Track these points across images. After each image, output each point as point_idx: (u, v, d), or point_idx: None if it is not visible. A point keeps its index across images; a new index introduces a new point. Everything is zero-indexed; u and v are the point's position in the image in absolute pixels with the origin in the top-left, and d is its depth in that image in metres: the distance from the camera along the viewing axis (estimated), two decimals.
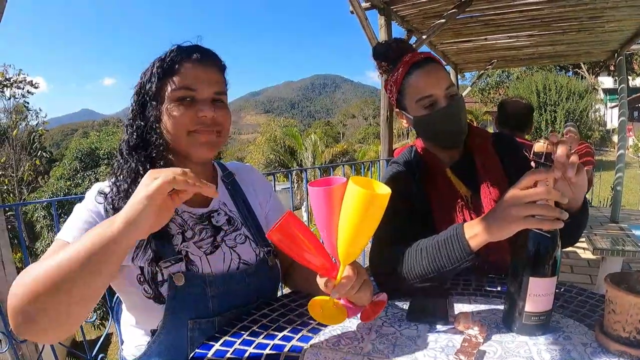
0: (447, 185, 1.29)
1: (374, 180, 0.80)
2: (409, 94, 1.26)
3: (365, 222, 0.74)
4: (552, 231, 0.84)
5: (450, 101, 1.21)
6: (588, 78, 26.77)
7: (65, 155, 16.11)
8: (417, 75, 1.23)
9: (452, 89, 1.22)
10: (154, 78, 0.99)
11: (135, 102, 1.02)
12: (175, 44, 1.02)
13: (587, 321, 0.92)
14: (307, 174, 4.71)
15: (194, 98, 0.99)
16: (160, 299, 0.96)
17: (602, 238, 3.49)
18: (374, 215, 0.74)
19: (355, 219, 0.73)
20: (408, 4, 4.45)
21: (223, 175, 1.18)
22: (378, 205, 0.74)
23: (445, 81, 1.22)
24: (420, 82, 1.23)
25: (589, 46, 6.44)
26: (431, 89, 1.21)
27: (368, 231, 0.77)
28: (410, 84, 1.25)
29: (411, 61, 1.25)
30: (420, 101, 1.23)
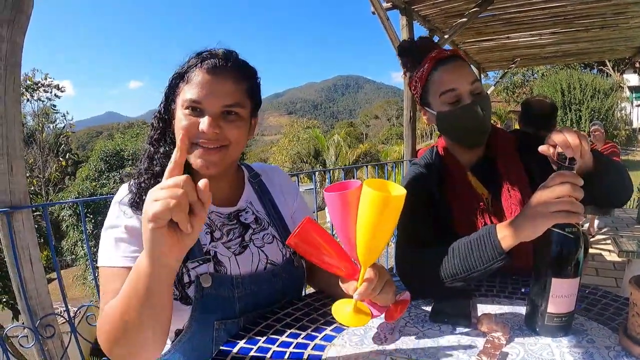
0: (467, 187, 1.29)
1: (389, 182, 0.80)
2: (433, 89, 1.25)
3: (381, 224, 0.75)
4: (575, 232, 0.84)
5: (475, 98, 1.20)
6: (613, 76, 26.08)
7: (91, 156, 16.43)
8: (442, 71, 1.23)
9: (478, 85, 1.21)
10: (174, 84, 1.00)
11: (162, 105, 1.04)
12: (206, 49, 1.01)
13: (611, 324, 0.91)
14: (330, 174, 4.72)
15: (202, 110, 0.96)
16: (187, 300, 0.97)
17: (628, 240, 3.42)
18: (390, 216, 0.75)
19: (372, 221, 0.74)
20: (429, 4, 4.44)
21: (250, 176, 1.19)
22: (393, 207, 0.74)
23: (470, 77, 1.20)
24: (445, 77, 1.22)
25: (614, 43, 6.31)
26: (456, 83, 1.20)
27: (385, 233, 0.77)
28: (434, 79, 1.24)
29: (437, 57, 1.24)
30: (444, 95, 1.22)
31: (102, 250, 0.95)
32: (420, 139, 34.23)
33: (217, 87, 0.96)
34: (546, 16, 4.88)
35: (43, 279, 2.08)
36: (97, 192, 13.47)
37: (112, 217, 0.98)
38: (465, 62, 1.25)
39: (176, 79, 1.00)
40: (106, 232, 0.97)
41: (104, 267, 0.93)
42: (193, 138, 0.95)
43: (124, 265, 0.91)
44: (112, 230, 0.96)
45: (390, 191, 0.77)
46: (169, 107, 1.02)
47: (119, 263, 0.92)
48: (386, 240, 0.79)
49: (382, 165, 5.18)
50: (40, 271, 2.06)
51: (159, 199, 0.64)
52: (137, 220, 0.96)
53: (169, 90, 1.01)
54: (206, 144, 0.96)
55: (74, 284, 15.14)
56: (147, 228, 0.66)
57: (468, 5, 4.36)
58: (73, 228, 13.81)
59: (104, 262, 0.93)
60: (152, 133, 1.05)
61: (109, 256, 0.93)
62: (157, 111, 1.05)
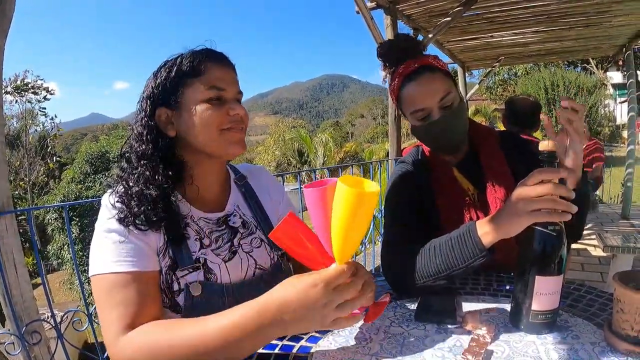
0: (453, 183, 1.30)
1: (365, 180, 0.80)
2: (404, 105, 1.27)
3: (355, 221, 0.74)
4: (558, 229, 0.84)
5: (444, 112, 1.20)
6: (597, 73, 26.48)
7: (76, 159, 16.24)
8: (410, 88, 1.23)
9: (447, 98, 1.20)
10: (174, 83, 0.97)
11: (145, 110, 0.99)
12: (191, 49, 1.01)
13: (596, 320, 0.91)
14: (316, 174, 4.72)
15: (222, 98, 0.99)
16: (176, 308, 0.95)
17: (613, 235, 3.46)
18: (364, 213, 0.74)
19: (346, 217, 0.73)
20: (413, 3, 4.45)
21: (236, 178, 1.18)
22: (367, 204, 0.73)
23: (439, 93, 1.19)
24: (413, 95, 1.22)
25: (597, 41, 6.38)
26: (423, 102, 1.21)
27: (359, 229, 0.76)
28: (404, 96, 1.25)
29: (404, 73, 1.24)
30: (413, 114, 1.24)
31: (99, 256, 0.90)
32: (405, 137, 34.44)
33: (231, 76, 1.02)
34: (530, 15, 4.91)
35: (28, 285, 2.04)
36: (83, 195, 13.30)
37: (107, 218, 0.94)
38: (434, 74, 1.22)
39: (179, 77, 0.97)
40: (101, 235, 0.92)
41: (103, 275, 0.88)
42: (223, 125, 0.99)
43: (130, 270, 0.88)
44: (108, 233, 0.92)
45: (365, 188, 0.76)
46: (154, 112, 0.99)
47: (123, 268, 0.88)
48: (360, 236, 0.78)
49: (367, 165, 5.21)
50: (25, 276, 2.02)
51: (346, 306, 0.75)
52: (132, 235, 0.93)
53: (166, 91, 0.98)
54: (236, 127, 1.01)
55: (60, 288, 14.96)
56: (314, 319, 0.74)
57: (452, 5, 4.37)
58: (59, 232, 13.61)
59: (103, 269, 0.88)
60: (142, 148, 0.98)
61: (109, 262, 0.88)
62: (141, 122, 0.99)
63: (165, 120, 0.99)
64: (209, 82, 0.97)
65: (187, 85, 0.97)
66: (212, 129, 0.98)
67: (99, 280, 0.88)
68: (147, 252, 0.93)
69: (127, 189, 0.95)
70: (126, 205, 0.93)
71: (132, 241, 0.91)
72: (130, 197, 0.94)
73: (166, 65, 0.99)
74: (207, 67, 0.98)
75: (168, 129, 1.00)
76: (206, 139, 0.99)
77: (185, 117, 0.98)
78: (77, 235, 11.80)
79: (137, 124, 1.00)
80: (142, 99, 1.01)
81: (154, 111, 0.99)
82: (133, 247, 0.91)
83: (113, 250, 0.90)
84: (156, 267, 0.94)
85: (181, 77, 0.97)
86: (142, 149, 0.98)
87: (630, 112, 6.50)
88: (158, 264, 0.95)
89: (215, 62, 0.99)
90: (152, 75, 1.00)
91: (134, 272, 0.89)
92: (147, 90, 1.00)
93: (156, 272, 0.94)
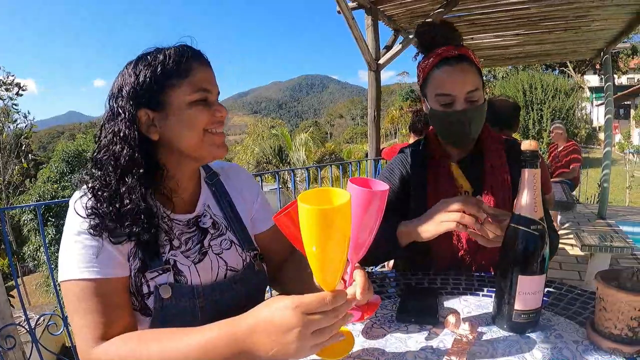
0: (447, 178, 1.31)
1: (332, 189, 0.69)
2: (431, 85, 1.26)
3: (330, 241, 0.64)
4: (540, 229, 0.84)
5: (468, 106, 1.21)
6: (574, 76, 27.06)
7: (52, 157, 15.90)
8: (444, 71, 1.23)
9: (475, 93, 1.21)
10: (158, 84, 0.91)
11: (127, 110, 0.90)
12: (169, 46, 0.95)
13: (578, 319, 0.91)
14: (294, 174, 4.69)
15: (208, 99, 0.96)
16: (146, 311, 0.91)
17: (590, 234, 3.52)
18: (338, 230, 0.63)
19: (316, 241, 0.64)
20: (395, 4, 4.46)
21: (206, 177, 1.13)
22: (337, 219, 0.62)
23: (469, 85, 1.20)
24: (444, 78, 1.22)
25: (576, 45, 6.50)
26: (452, 88, 1.21)
27: (337, 249, 0.66)
28: (435, 76, 1.25)
29: (443, 55, 1.24)
30: (438, 96, 1.24)
31: (69, 260, 0.85)
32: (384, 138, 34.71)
33: (213, 75, 0.99)
34: (510, 18, 4.97)
35: (1, 287, 1.98)
36: (59, 194, 13.04)
37: (76, 222, 0.88)
38: (469, 66, 1.23)
39: (164, 77, 0.91)
40: (71, 239, 0.87)
41: (73, 281, 0.83)
42: (207, 127, 0.96)
43: (101, 277, 0.84)
44: (78, 236, 0.86)
45: (333, 201, 0.67)
46: (136, 113, 0.91)
47: (94, 275, 0.84)
48: (342, 255, 0.67)
49: (346, 165, 5.21)
50: None
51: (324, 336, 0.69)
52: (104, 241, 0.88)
53: (150, 91, 0.91)
54: (219, 130, 0.99)
55: (36, 290, 14.64)
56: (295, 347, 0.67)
57: (433, 7, 4.39)
58: (35, 233, 13.31)
59: (73, 275, 0.83)
60: (127, 152, 0.89)
61: (79, 267, 0.84)
62: (124, 123, 0.90)
63: (146, 122, 0.92)
64: (195, 83, 0.93)
65: (173, 86, 0.91)
66: (198, 132, 0.94)
67: (69, 286, 0.84)
68: (119, 257, 0.88)
69: (106, 201, 0.88)
70: (101, 217, 0.87)
71: (103, 246, 0.86)
72: (110, 213, 0.87)
73: (146, 62, 0.92)
74: (191, 67, 0.93)
75: (151, 132, 0.93)
76: (191, 142, 0.94)
77: (171, 119, 0.92)
78: (53, 237, 11.55)
79: (115, 125, 0.90)
80: (119, 97, 0.92)
81: (136, 112, 0.91)
82: (104, 253, 0.86)
83: (83, 255, 0.85)
84: (126, 273, 0.90)
85: (167, 77, 0.91)
86: (128, 154, 0.89)
87: (607, 115, 6.63)
88: (128, 269, 0.91)
89: (198, 61, 0.95)
90: (131, 72, 0.91)
91: (105, 279, 0.85)
92: (127, 87, 0.91)
93: (126, 278, 0.90)
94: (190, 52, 0.95)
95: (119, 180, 0.88)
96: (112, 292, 0.85)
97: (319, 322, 0.67)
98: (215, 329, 0.74)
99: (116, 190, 0.88)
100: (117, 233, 0.87)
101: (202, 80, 0.94)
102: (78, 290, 0.83)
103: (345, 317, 0.72)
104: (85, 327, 0.82)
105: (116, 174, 0.88)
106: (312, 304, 0.66)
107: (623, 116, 25.09)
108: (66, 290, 0.84)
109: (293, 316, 0.65)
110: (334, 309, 0.68)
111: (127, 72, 0.92)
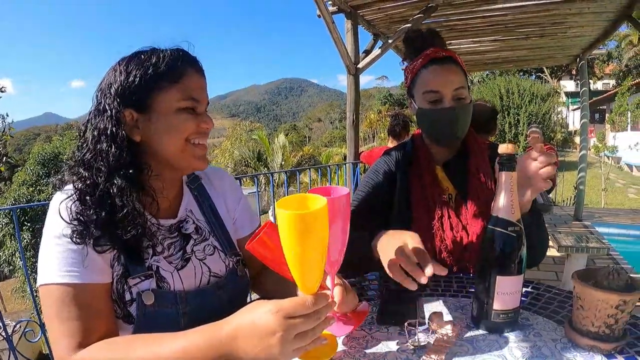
0: (432, 180, 1.32)
1: (309, 195, 0.71)
2: (419, 84, 1.29)
3: (308, 246, 0.65)
4: (517, 230, 0.86)
5: (456, 104, 1.24)
6: (550, 82, 27.64)
7: (28, 160, 15.55)
8: (432, 70, 1.26)
9: (462, 91, 1.24)
10: (148, 85, 0.88)
11: (114, 107, 0.88)
12: (166, 48, 0.93)
13: (556, 317, 0.93)
14: (273, 178, 4.67)
15: (196, 109, 0.93)
16: (129, 319, 0.89)
17: (567, 236, 3.60)
18: (316, 234, 0.65)
19: (296, 245, 0.65)
20: (374, 9, 4.50)
21: (188, 181, 1.11)
22: (315, 223, 0.64)
23: (456, 82, 1.24)
24: (432, 77, 1.25)
25: (552, 51, 6.65)
26: (440, 85, 1.23)
27: (316, 253, 0.67)
28: (423, 75, 1.28)
29: (431, 55, 1.27)
30: (426, 94, 1.26)
31: (48, 264, 0.82)
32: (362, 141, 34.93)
33: (204, 85, 0.97)
34: (488, 24, 5.06)
35: None
36: (35, 198, 12.77)
37: (59, 225, 0.85)
38: (456, 67, 1.27)
39: (155, 79, 0.88)
40: (51, 241, 0.84)
41: (52, 285, 0.81)
42: (191, 137, 0.93)
43: (81, 282, 0.82)
44: (59, 239, 0.84)
45: (309, 206, 0.68)
46: (122, 112, 0.88)
47: (74, 280, 0.81)
48: (320, 260, 0.68)
49: (325, 168, 5.20)
50: None
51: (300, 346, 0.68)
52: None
53: (138, 92, 0.88)
54: (202, 142, 0.96)
55: (12, 296, 14.28)
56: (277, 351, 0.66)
57: (412, 12, 4.44)
58: (10, 237, 12.97)
59: (52, 279, 0.81)
60: (115, 152, 0.87)
61: (59, 271, 0.81)
62: (110, 121, 0.87)
63: (130, 122, 0.90)
64: (186, 91, 0.90)
65: (162, 89, 0.89)
66: (180, 140, 0.92)
67: (48, 291, 0.81)
68: (101, 263, 0.86)
69: (93, 205, 0.85)
70: (85, 224, 0.84)
71: (85, 250, 0.84)
72: (96, 220, 0.84)
73: (139, 61, 0.89)
74: (184, 73, 0.91)
75: (134, 133, 0.90)
76: (173, 150, 0.92)
77: (155, 123, 0.90)
78: (29, 241, 11.29)
79: (101, 122, 0.88)
80: (107, 94, 0.89)
81: (122, 111, 0.88)
82: (86, 257, 0.83)
83: (64, 258, 0.82)
84: (108, 279, 0.87)
85: (157, 80, 0.89)
86: (116, 153, 0.87)
87: (583, 119, 6.81)
88: (110, 275, 0.88)
89: (192, 69, 0.93)
90: (122, 70, 0.89)
91: (86, 284, 0.82)
92: (116, 85, 0.88)
93: (108, 285, 0.87)
94: (186, 58, 0.93)
95: (107, 180, 0.86)
96: (93, 298, 0.83)
97: (301, 325, 0.66)
98: (197, 334, 0.73)
99: (107, 192, 0.86)
100: (101, 242, 0.84)
101: (194, 88, 0.92)
102: (57, 295, 0.80)
103: (327, 320, 0.71)
104: (63, 333, 0.79)
105: (105, 174, 0.86)
106: (293, 307, 0.66)
107: (598, 120, 25.73)
108: (45, 295, 0.81)
109: (275, 320, 0.65)
110: (315, 311, 0.68)
111: (119, 69, 0.90)
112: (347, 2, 4.33)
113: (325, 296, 0.70)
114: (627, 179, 17.00)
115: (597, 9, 4.51)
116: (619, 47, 24.90)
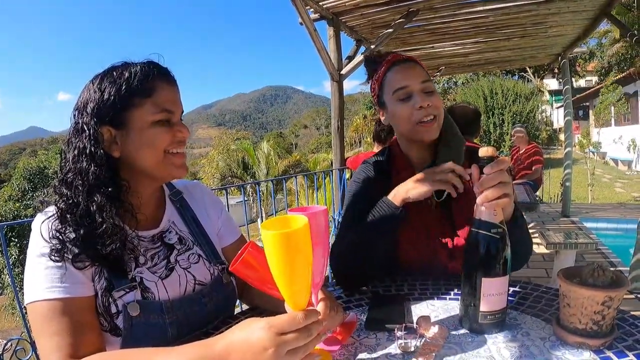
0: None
1: (291, 216, 0.73)
2: (387, 87, 1.29)
3: (294, 263, 0.67)
4: (501, 232, 0.86)
5: (425, 97, 1.24)
6: (534, 81, 27.96)
7: (14, 175, 15.38)
8: (395, 71, 1.28)
9: (429, 85, 1.25)
10: (122, 102, 0.90)
11: (91, 126, 0.90)
12: (137, 62, 0.95)
13: (544, 316, 0.93)
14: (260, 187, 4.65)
15: (170, 120, 0.95)
16: (117, 332, 0.90)
17: (555, 232, 3.62)
18: (299, 252, 0.67)
19: (282, 263, 0.67)
20: (356, 15, 4.52)
21: (170, 194, 1.13)
22: (298, 241, 0.66)
23: (421, 77, 1.25)
24: (398, 76, 1.27)
25: (534, 51, 6.74)
26: (407, 81, 1.24)
27: (302, 270, 0.69)
28: (389, 79, 1.29)
29: (392, 60, 1.30)
30: (396, 92, 1.26)
31: (33, 282, 0.84)
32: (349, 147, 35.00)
33: (178, 95, 0.99)
34: (469, 26, 5.11)
35: None
36: (22, 213, 12.61)
37: (39, 244, 0.87)
38: (417, 64, 1.30)
39: (128, 96, 0.90)
40: (34, 261, 0.86)
41: (37, 303, 0.83)
42: (169, 147, 0.96)
43: (64, 296, 0.83)
44: (40, 258, 0.86)
45: (292, 225, 0.70)
46: (99, 130, 0.90)
47: (57, 295, 0.83)
48: (306, 276, 0.71)
49: (312, 175, 5.19)
50: None
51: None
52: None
53: (113, 109, 0.90)
54: (180, 151, 0.99)
55: (2, 314, 14.06)
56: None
57: (394, 17, 4.46)
58: None
59: (37, 296, 0.83)
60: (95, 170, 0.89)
61: (43, 288, 0.83)
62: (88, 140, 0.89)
63: (108, 139, 0.92)
64: (159, 104, 0.93)
65: (135, 105, 0.91)
66: (159, 152, 0.94)
67: (35, 308, 0.83)
68: (82, 277, 0.87)
69: (73, 224, 0.87)
70: (63, 242, 0.86)
71: (66, 266, 0.85)
72: (75, 239, 0.86)
73: (112, 79, 0.91)
74: (156, 86, 0.93)
75: (112, 149, 0.92)
76: (151, 162, 0.95)
77: (133, 138, 0.92)
78: (16, 257, 11.14)
79: (79, 142, 0.90)
80: (84, 113, 0.91)
81: (99, 129, 0.90)
82: (67, 273, 0.85)
83: (46, 275, 0.84)
84: (91, 292, 0.89)
85: (130, 96, 0.91)
86: (95, 172, 0.89)
87: (567, 117, 6.90)
88: (93, 289, 0.89)
89: (164, 81, 0.96)
90: (96, 88, 0.91)
91: (69, 298, 0.84)
92: (91, 104, 0.90)
93: (92, 298, 0.89)
94: (157, 71, 0.95)
95: (88, 198, 0.88)
96: (78, 311, 0.84)
97: (293, 341, 0.66)
98: (191, 349, 0.72)
99: (87, 210, 0.88)
100: (80, 258, 0.86)
101: (166, 100, 0.94)
102: (44, 311, 0.82)
103: (319, 336, 0.71)
104: (52, 349, 0.80)
105: (84, 193, 0.88)
106: (285, 323, 0.67)
107: (582, 117, 26.08)
108: (32, 312, 0.83)
109: (267, 336, 0.65)
110: (306, 327, 0.68)
111: (93, 87, 0.92)
112: (329, 9, 4.33)
113: (315, 312, 0.70)
114: (613, 173, 17.21)
115: (576, 8, 4.58)
116: (601, 44, 25.25)
